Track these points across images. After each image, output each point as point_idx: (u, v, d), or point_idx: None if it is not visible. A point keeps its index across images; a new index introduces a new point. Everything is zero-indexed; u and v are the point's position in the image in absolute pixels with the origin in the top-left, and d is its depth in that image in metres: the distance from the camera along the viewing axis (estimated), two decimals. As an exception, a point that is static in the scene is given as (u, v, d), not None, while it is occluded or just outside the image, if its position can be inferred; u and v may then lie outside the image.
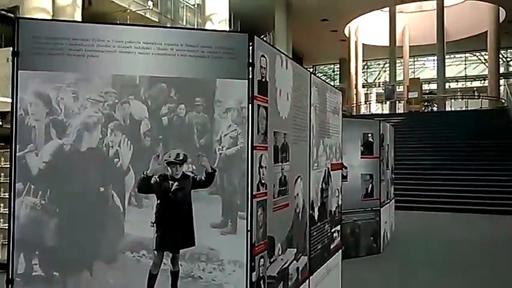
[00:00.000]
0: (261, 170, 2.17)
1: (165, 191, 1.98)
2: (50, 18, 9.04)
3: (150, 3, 15.53)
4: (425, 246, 7.31)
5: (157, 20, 16.40)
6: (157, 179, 1.97)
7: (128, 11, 15.04)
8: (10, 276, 1.84)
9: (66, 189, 1.89)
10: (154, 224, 1.96)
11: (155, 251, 1.96)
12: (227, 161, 2.06)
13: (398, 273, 5.67)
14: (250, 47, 2.08)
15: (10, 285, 1.83)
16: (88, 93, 1.92)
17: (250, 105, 2.07)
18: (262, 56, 2.17)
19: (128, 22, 14.33)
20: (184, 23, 18.23)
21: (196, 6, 19.19)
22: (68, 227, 1.88)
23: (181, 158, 2.00)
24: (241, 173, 2.07)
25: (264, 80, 2.19)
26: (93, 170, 1.92)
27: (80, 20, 10.08)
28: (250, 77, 2.07)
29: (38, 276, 1.85)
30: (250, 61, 2.07)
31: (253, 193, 2.09)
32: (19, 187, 1.85)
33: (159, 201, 1.98)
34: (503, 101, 22.48)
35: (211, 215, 2.03)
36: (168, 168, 1.99)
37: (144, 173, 1.96)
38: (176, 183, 1.99)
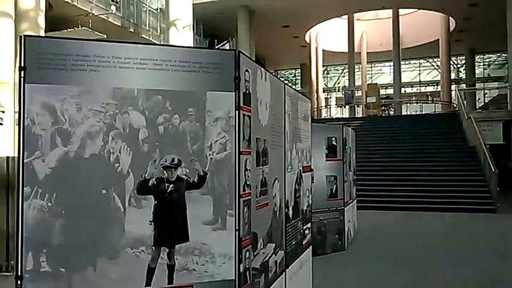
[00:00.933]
0: (246, 172, 2.42)
1: (161, 193, 2.19)
2: (14, 27, 8.96)
3: (113, 7, 15.39)
4: (385, 242, 7.78)
5: (119, 24, 16.28)
6: (155, 182, 2.17)
7: (90, 14, 14.86)
8: (19, 273, 1.98)
9: (70, 192, 2.05)
10: (152, 223, 2.16)
11: (153, 247, 2.15)
12: (217, 165, 2.29)
13: (362, 267, 6.06)
14: (236, 63, 2.33)
15: (20, 281, 1.98)
16: (90, 104, 2.09)
17: (237, 114, 2.32)
18: (246, 70, 2.43)
19: (90, 26, 14.15)
20: (147, 27, 18.15)
21: (159, 11, 19.13)
22: (72, 227, 2.05)
23: (176, 162, 2.21)
24: (230, 176, 2.31)
25: (247, 92, 2.45)
26: (96, 174, 2.10)
27: (43, 25, 9.96)
28: (237, 89, 2.32)
29: (46, 273, 2.00)
30: (237, 75, 2.33)
31: (240, 193, 2.34)
32: (27, 191, 2.00)
33: (156, 202, 2.18)
34: (454, 105, 23.77)
35: (204, 213, 2.26)
36: (164, 171, 2.20)
37: (143, 177, 2.16)
38: (172, 185, 2.20)
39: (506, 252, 7.02)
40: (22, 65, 2.02)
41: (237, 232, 2.30)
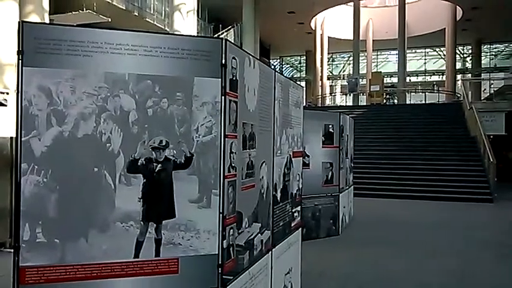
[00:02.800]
0: (231, 155, 2.56)
1: (150, 172, 2.33)
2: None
3: (117, -10, 15.39)
4: (380, 229, 7.94)
5: (124, 8, 16.28)
6: (144, 162, 2.32)
7: (95, -2, 14.89)
8: (17, 243, 2.15)
9: (65, 169, 2.20)
10: (141, 199, 2.31)
11: (141, 222, 2.31)
12: (203, 147, 2.43)
13: (353, 252, 6.23)
14: (223, 50, 2.45)
15: (17, 251, 2.15)
16: (84, 87, 2.23)
17: (222, 100, 2.45)
18: (233, 58, 2.55)
19: (95, 9, 14.20)
20: (151, 11, 18.14)
21: (164, -6, 19.08)
22: (66, 201, 2.19)
23: (164, 144, 2.35)
24: (215, 157, 2.45)
25: (234, 78, 2.57)
26: (88, 153, 2.24)
27: (48, 7, 10.06)
28: (223, 76, 2.45)
29: (41, 243, 2.16)
30: (223, 62, 2.45)
31: (225, 174, 2.48)
32: (24, 167, 2.15)
33: (145, 180, 2.32)
34: (458, 95, 23.71)
35: (190, 192, 2.41)
36: (153, 152, 2.34)
37: (132, 156, 2.30)
38: (160, 165, 2.35)
39: (495, 241, 7.16)
40: (20, 49, 2.16)
41: (220, 210, 2.44)
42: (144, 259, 2.31)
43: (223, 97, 2.45)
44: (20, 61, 2.16)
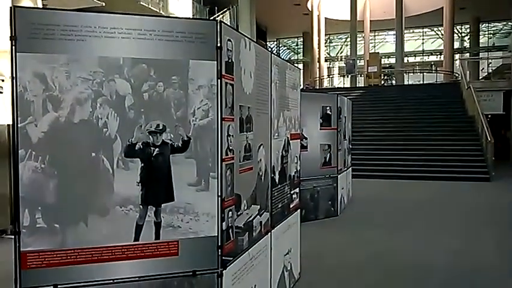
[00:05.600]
0: (228, 138, 2.56)
1: (147, 156, 2.34)
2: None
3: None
4: (378, 209, 8.01)
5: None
6: (141, 146, 2.32)
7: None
8: (17, 229, 2.16)
9: (62, 154, 2.20)
10: (140, 183, 2.32)
11: (140, 206, 2.32)
12: (200, 130, 2.43)
13: (352, 232, 6.30)
14: (218, 33, 2.43)
15: (17, 236, 2.17)
16: (78, 72, 2.21)
17: (218, 82, 2.44)
18: (229, 40, 2.53)
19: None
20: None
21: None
22: (65, 187, 2.21)
23: (161, 128, 2.35)
24: (212, 141, 2.46)
25: (230, 61, 2.56)
26: (85, 138, 2.24)
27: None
28: (219, 58, 2.44)
29: (41, 228, 2.18)
30: (219, 45, 2.43)
31: (223, 157, 2.49)
32: (21, 153, 2.16)
33: (142, 165, 2.33)
34: (457, 75, 23.61)
35: (188, 176, 2.42)
36: (150, 136, 2.34)
37: (129, 141, 2.30)
38: (157, 149, 2.35)
39: (491, 219, 7.24)
40: (13, 35, 2.14)
41: (218, 193, 2.46)
42: (144, 242, 2.34)
43: (219, 80, 2.44)
44: (14, 47, 2.14)
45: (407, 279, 4.30)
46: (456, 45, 30.36)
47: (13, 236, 2.19)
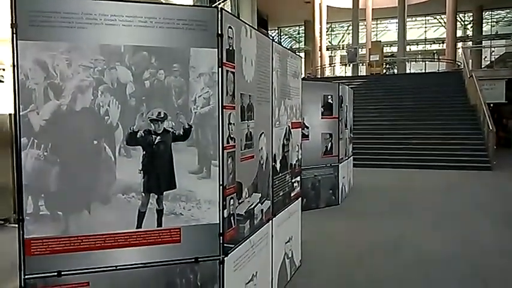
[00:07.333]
0: (230, 126, 2.57)
1: (149, 144, 2.35)
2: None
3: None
4: (379, 198, 8.04)
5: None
6: (143, 134, 2.33)
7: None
8: (21, 216, 2.18)
9: (64, 142, 2.21)
10: (142, 171, 2.34)
11: (143, 193, 2.34)
12: (201, 118, 2.44)
13: (352, 220, 6.33)
14: (219, 20, 2.42)
15: (21, 223, 2.19)
16: (80, 60, 2.21)
17: (219, 70, 2.44)
18: (230, 27, 2.52)
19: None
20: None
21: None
22: (67, 175, 2.22)
23: (162, 116, 2.36)
24: (214, 129, 2.46)
25: (231, 48, 2.55)
26: (87, 126, 2.25)
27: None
28: (220, 46, 2.43)
29: (44, 215, 2.20)
30: (219, 32, 2.42)
31: (224, 145, 2.50)
32: (24, 141, 2.16)
33: (144, 152, 2.34)
34: (459, 63, 23.48)
35: (189, 163, 2.43)
36: (151, 124, 2.34)
37: (131, 129, 2.31)
38: (159, 137, 2.36)
39: (492, 208, 7.26)
40: (13, 22, 2.13)
41: (220, 180, 2.47)
42: (146, 229, 2.35)
43: (220, 68, 2.44)
44: (14, 35, 2.13)
45: (408, 266, 4.34)
46: (459, 33, 30.11)
47: (16, 225, 2.21)
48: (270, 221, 3.38)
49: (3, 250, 4.62)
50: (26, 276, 2.19)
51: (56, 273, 2.21)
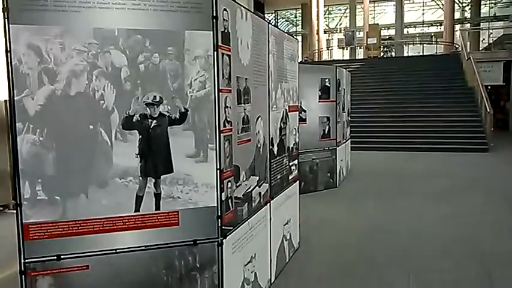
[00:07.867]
0: (226, 109, 2.56)
1: (145, 128, 2.34)
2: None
3: None
4: (376, 181, 8.08)
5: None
6: (139, 118, 2.32)
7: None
8: (18, 201, 2.19)
9: (60, 127, 2.20)
10: (138, 155, 2.34)
11: (140, 177, 2.34)
12: (197, 102, 2.43)
13: (350, 202, 6.38)
14: (214, 2, 2.39)
15: (19, 208, 2.19)
16: (73, 44, 2.19)
17: (215, 53, 2.42)
18: (225, 9, 2.50)
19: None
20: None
21: None
22: (64, 159, 2.21)
23: (158, 99, 2.35)
24: (210, 112, 2.45)
25: (226, 31, 2.53)
26: (83, 110, 2.24)
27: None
28: (215, 28, 2.41)
29: (42, 200, 2.20)
30: (214, 14, 2.40)
31: (221, 129, 2.49)
32: (19, 126, 2.16)
33: (140, 136, 2.34)
34: (457, 46, 23.35)
35: (186, 147, 2.43)
36: (147, 108, 2.34)
37: (127, 113, 2.30)
38: (155, 121, 2.35)
39: (489, 189, 7.31)
40: (5, 6, 2.10)
41: (217, 164, 2.48)
42: (144, 213, 2.37)
43: (215, 51, 2.42)
44: (6, 19, 2.11)
45: (405, 248, 4.38)
46: (457, 15, 29.83)
47: (15, 210, 2.22)
48: (268, 204, 3.40)
49: (3, 235, 4.65)
50: (26, 261, 2.21)
51: (55, 257, 2.23)
